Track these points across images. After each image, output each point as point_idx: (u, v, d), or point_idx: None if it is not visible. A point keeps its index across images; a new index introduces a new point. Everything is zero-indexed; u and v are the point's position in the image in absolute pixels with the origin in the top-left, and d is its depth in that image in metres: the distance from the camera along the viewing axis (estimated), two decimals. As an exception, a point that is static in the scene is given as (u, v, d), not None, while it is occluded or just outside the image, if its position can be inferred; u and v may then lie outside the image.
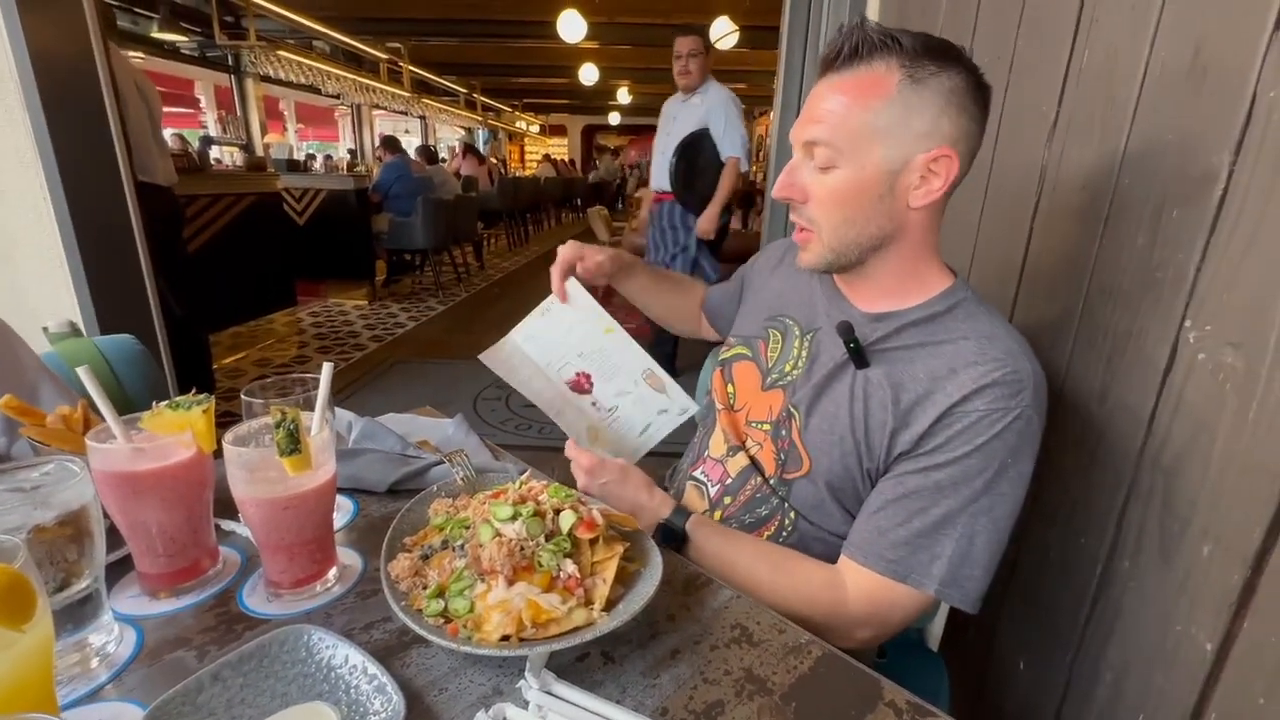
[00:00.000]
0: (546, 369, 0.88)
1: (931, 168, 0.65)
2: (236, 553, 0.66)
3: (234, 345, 3.84)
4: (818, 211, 0.69)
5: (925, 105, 0.63)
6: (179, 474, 0.56)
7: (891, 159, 0.65)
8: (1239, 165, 0.57)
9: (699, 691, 0.49)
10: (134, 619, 0.56)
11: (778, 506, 0.75)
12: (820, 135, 0.66)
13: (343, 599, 0.59)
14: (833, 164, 0.66)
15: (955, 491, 0.64)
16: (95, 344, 1.03)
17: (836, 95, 0.65)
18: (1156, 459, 0.65)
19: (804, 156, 0.69)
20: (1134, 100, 0.70)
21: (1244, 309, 0.55)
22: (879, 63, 0.64)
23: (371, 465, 0.80)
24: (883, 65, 0.64)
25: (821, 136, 0.66)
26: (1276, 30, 0.54)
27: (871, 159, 0.65)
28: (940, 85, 0.63)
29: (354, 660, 0.48)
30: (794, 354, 0.79)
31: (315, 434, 0.57)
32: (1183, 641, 0.60)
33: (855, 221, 0.68)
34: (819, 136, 0.66)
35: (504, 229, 8.15)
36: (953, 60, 0.64)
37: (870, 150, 0.65)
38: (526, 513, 0.56)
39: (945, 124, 0.64)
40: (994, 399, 0.63)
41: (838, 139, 0.65)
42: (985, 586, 0.64)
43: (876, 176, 0.65)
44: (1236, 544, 0.55)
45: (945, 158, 0.64)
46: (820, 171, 0.67)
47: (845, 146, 0.65)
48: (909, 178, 0.65)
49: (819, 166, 0.67)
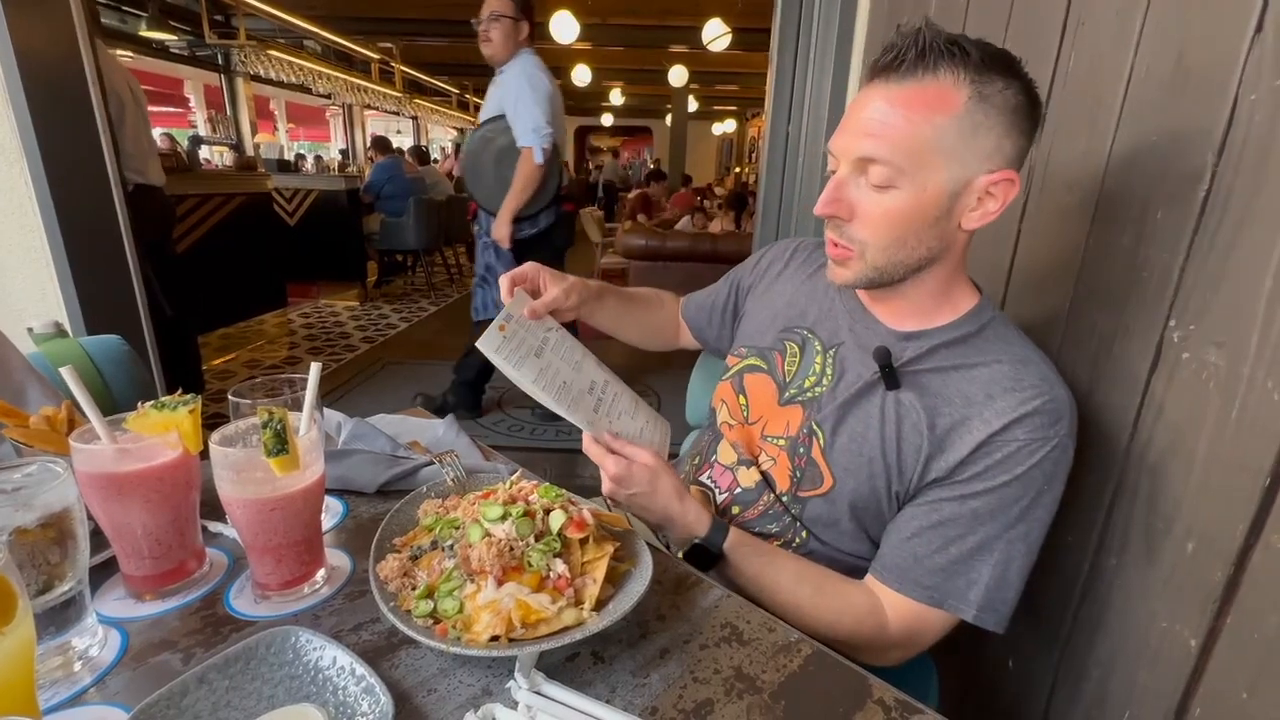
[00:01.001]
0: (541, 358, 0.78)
1: (991, 190, 0.61)
2: (224, 554, 0.65)
3: (224, 346, 3.81)
4: (866, 231, 0.64)
5: (991, 124, 0.59)
6: (164, 475, 0.55)
7: (954, 180, 0.60)
8: (1222, 166, 0.57)
9: (689, 690, 0.49)
10: (118, 622, 0.55)
11: (790, 524, 0.74)
12: (878, 152, 0.60)
13: (331, 600, 0.59)
14: (891, 184, 0.61)
15: (992, 519, 0.63)
16: (81, 344, 1.02)
17: (897, 108, 0.59)
18: (1141, 458, 0.65)
19: (854, 173, 0.63)
20: (1119, 103, 0.71)
21: (1227, 308, 0.56)
22: (946, 74, 0.58)
23: (361, 466, 0.79)
24: (950, 78, 0.58)
25: (880, 154, 0.60)
26: (1257, 34, 0.54)
27: (934, 180, 0.60)
28: (1005, 102, 0.59)
29: (342, 661, 0.48)
30: (815, 369, 0.76)
31: (303, 434, 0.57)
32: (1167, 638, 0.61)
33: (907, 243, 0.64)
34: (877, 154, 0.60)
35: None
36: (1014, 74, 0.60)
37: (933, 171, 0.60)
38: (516, 513, 0.56)
39: (1009, 145, 0.60)
40: (1034, 428, 0.62)
41: (898, 157, 0.59)
42: (1015, 607, 0.65)
43: (937, 199, 0.61)
44: (1220, 542, 0.55)
45: (1007, 181, 0.61)
46: (875, 190, 0.62)
47: (907, 165, 0.59)
48: (968, 199, 0.62)
49: (874, 185, 0.62)
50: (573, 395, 0.71)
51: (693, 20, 5.98)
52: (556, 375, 0.71)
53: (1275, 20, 0.53)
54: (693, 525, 0.68)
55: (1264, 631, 0.51)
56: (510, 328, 0.71)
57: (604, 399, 0.75)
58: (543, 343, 0.74)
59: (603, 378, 0.78)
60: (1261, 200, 0.54)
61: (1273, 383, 0.51)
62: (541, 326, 0.76)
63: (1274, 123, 0.53)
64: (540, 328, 0.75)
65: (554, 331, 0.77)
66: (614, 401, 0.76)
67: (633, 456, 0.67)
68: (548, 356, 0.73)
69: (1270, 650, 0.51)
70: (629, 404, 0.79)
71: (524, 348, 0.70)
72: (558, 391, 0.69)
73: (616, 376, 0.81)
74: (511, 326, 0.71)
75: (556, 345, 0.75)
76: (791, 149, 2.05)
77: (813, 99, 1.89)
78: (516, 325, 0.72)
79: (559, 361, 0.74)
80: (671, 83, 8.11)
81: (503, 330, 0.69)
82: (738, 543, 0.69)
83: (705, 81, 10.25)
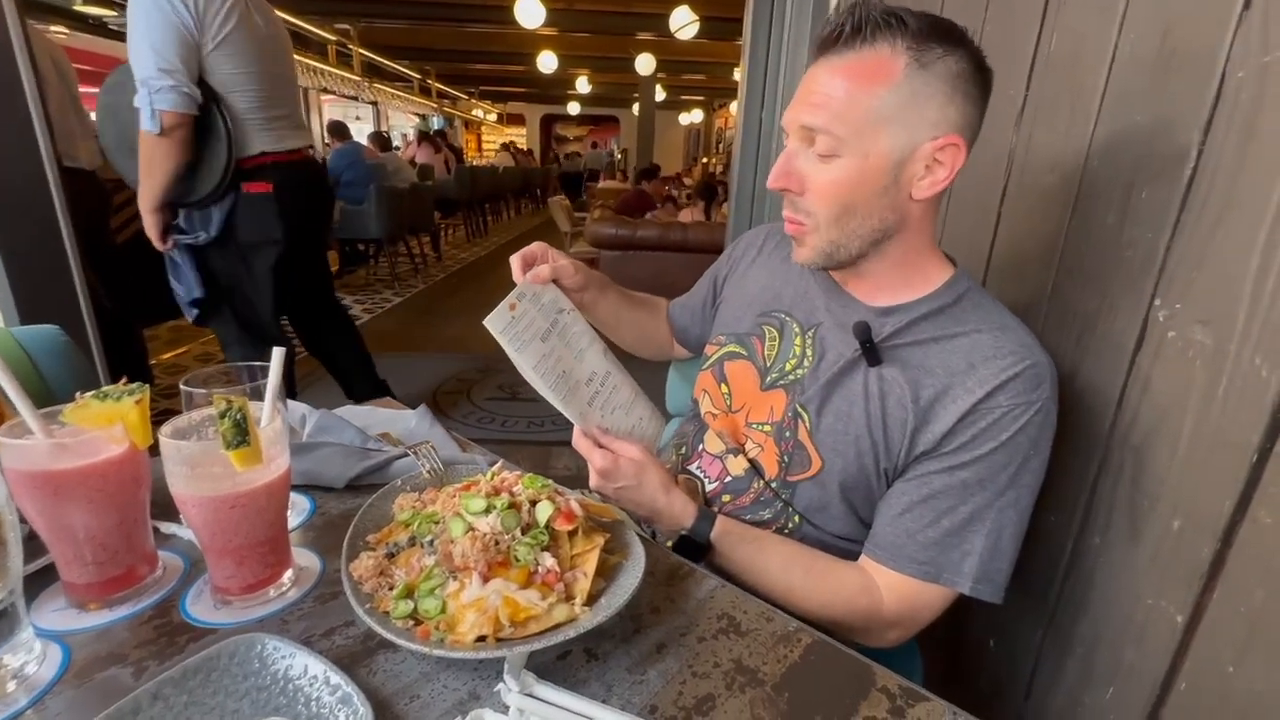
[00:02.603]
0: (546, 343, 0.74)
1: (938, 157, 0.62)
2: (178, 557, 0.60)
3: (174, 340, 3.63)
4: (816, 203, 0.65)
5: (932, 91, 0.60)
6: (108, 472, 0.50)
7: (898, 148, 0.61)
8: (1208, 144, 0.57)
9: (688, 686, 0.47)
10: (59, 635, 0.50)
11: (781, 510, 0.73)
12: (820, 122, 0.61)
13: (300, 604, 0.55)
14: (834, 153, 0.62)
15: (982, 488, 0.63)
16: (13, 334, 0.94)
17: (837, 78, 0.61)
18: (1126, 436, 0.66)
19: (801, 144, 0.65)
20: (1103, 83, 0.71)
21: (1213, 286, 0.56)
22: (883, 44, 0.60)
23: (329, 459, 0.75)
24: (887, 47, 0.60)
25: (821, 123, 0.61)
26: (1245, 10, 0.54)
27: (877, 148, 0.61)
28: (947, 69, 0.60)
29: (314, 670, 0.44)
30: (796, 351, 0.75)
31: (266, 424, 0.53)
32: (1153, 615, 0.61)
33: (856, 213, 0.64)
34: (819, 123, 0.62)
35: (462, 219, 7.96)
36: (957, 42, 0.61)
37: (875, 138, 0.61)
38: (501, 505, 0.53)
39: (952, 111, 0.61)
40: (1016, 393, 0.62)
41: (840, 126, 0.61)
42: (1009, 576, 0.65)
43: (881, 166, 0.62)
44: (1206, 518, 0.56)
45: (953, 146, 0.61)
46: (820, 160, 0.63)
47: (848, 134, 0.61)
48: (914, 168, 0.62)
49: (819, 155, 0.63)
50: (569, 385, 0.69)
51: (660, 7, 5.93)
52: (558, 363, 0.69)
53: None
54: (679, 517, 0.68)
55: (1250, 605, 0.52)
56: (521, 307, 0.68)
57: (602, 390, 0.74)
58: (551, 325, 0.71)
59: (605, 368, 0.76)
60: (1247, 178, 0.54)
61: (1259, 359, 0.51)
62: (554, 307, 0.73)
63: (1261, 100, 0.53)
64: (553, 308, 0.73)
65: (566, 314, 0.75)
66: (612, 393, 0.75)
67: (620, 451, 0.67)
68: (553, 341, 0.70)
69: (1256, 624, 0.51)
70: (627, 396, 0.77)
71: (530, 330, 0.68)
72: (555, 380, 0.67)
73: (621, 367, 0.79)
74: (523, 305, 0.68)
75: (565, 330, 0.73)
76: (765, 136, 2.04)
77: (785, 85, 1.88)
78: (528, 305, 0.69)
79: (563, 348, 0.71)
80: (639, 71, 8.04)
81: (513, 309, 0.67)
82: (724, 532, 0.68)
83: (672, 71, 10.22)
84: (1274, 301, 0.50)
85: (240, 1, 1.63)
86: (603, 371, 0.75)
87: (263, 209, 1.75)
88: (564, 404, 0.67)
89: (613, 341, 0.91)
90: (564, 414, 0.67)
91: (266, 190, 1.74)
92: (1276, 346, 0.50)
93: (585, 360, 0.74)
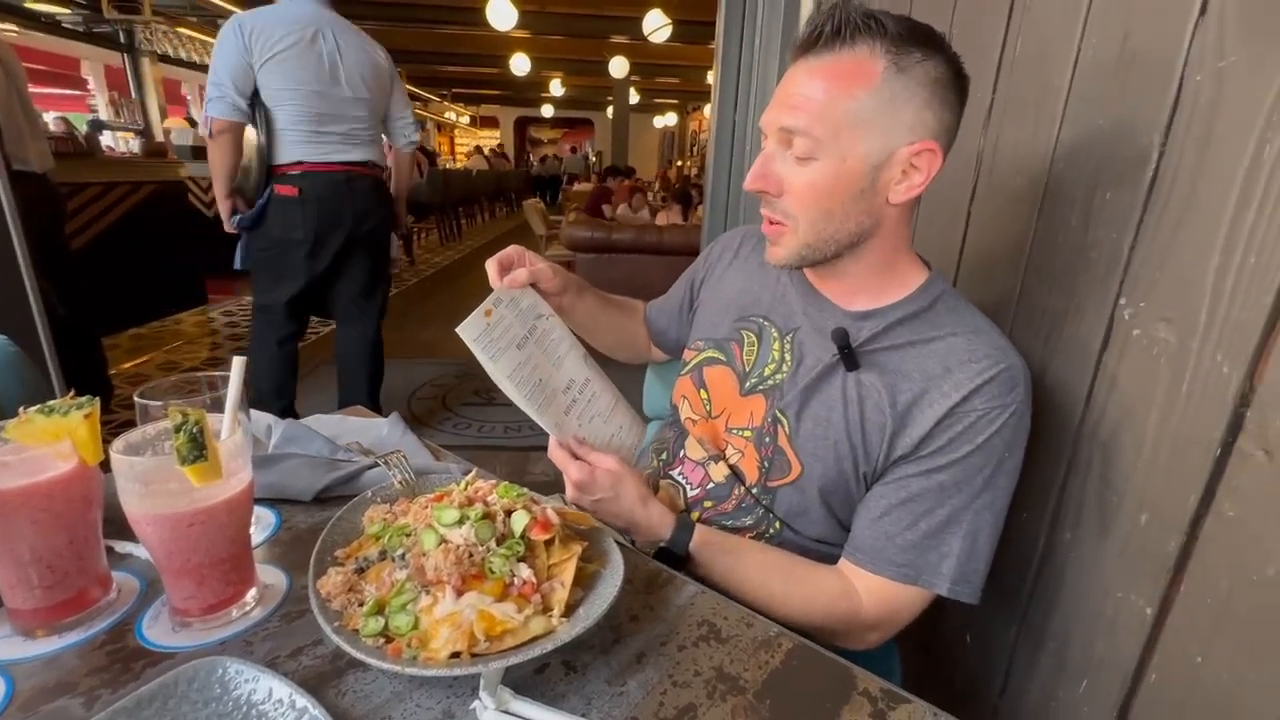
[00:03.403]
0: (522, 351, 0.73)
1: (914, 162, 0.62)
2: (134, 578, 0.58)
3: (135, 348, 3.50)
4: (794, 205, 0.65)
5: (910, 95, 0.60)
6: (55, 491, 0.48)
7: (875, 151, 0.62)
8: (1168, 147, 0.59)
9: (669, 696, 0.46)
10: (2, 665, 0.47)
11: (763, 516, 0.73)
12: (798, 124, 0.61)
13: (264, 623, 0.53)
14: (812, 155, 0.62)
15: (958, 491, 0.64)
16: (-45, 346, 0.89)
17: (816, 80, 0.61)
18: (1094, 433, 0.67)
19: (779, 146, 0.65)
20: (1067, 86, 0.72)
21: (1175, 285, 0.58)
22: (862, 47, 0.60)
23: (295, 471, 0.72)
24: (866, 50, 0.60)
25: (800, 125, 0.61)
26: (1201, 16, 0.56)
27: (854, 151, 0.61)
28: (925, 74, 0.60)
29: (279, 693, 0.43)
30: (774, 356, 0.75)
31: (226, 437, 0.51)
32: (1123, 607, 0.62)
33: (834, 216, 0.64)
34: (797, 125, 0.61)
35: (435, 223, 7.86)
36: (937, 48, 0.61)
37: (853, 141, 0.61)
38: (475, 515, 0.51)
39: (930, 116, 0.61)
40: (991, 397, 0.63)
41: (818, 128, 0.61)
42: (986, 576, 0.66)
43: (858, 170, 0.62)
44: (1172, 512, 0.57)
45: (929, 151, 0.62)
46: (798, 162, 0.63)
47: (826, 136, 0.61)
48: (891, 172, 0.63)
49: (797, 157, 0.63)
50: (545, 394, 0.68)
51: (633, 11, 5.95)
52: (534, 371, 0.68)
53: (1219, 2, 0.54)
54: (657, 528, 0.68)
55: (1217, 596, 0.53)
56: (497, 313, 0.66)
57: (579, 399, 0.72)
58: (529, 332, 0.70)
59: (584, 375, 0.75)
60: (1206, 180, 0.55)
61: (1220, 355, 0.53)
62: (533, 313, 0.72)
63: (1218, 104, 0.54)
64: (531, 314, 0.71)
65: (545, 320, 0.73)
66: (590, 402, 0.73)
67: (596, 463, 0.67)
68: (529, 348, 0.69)
69: (1222, 614, 0.52)
70: (606, 405, 0.76)
71: (506, 337, 0.66)
72: (531, 390, 0.66)
73: (601, 374, 0.78)
74: (499, 312, 0.66)
75: (543, 336, 0.72)
76: (739, 138, 2.05)
77: (759, 88, 1.89)
78: (505, 310, 0.67)
79: (540, 355, 0.70)
80: (612, 74, 8.05)
81: (488, 316, 0.65)
82: (704, 543, 0.68)
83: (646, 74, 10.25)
84: (1233, 299, 0.52)
85: (309, 28, 1.93)
86: (581, 379, 0.74)
87: (289, 209, 2.00)
88: (539, 414, 0.66)
89: (590, 345, 0.90)
90: (538, 424, 0.66)
91: (293, 193, 1.99)
92: (1236, 343, 0.51)
93: (564, 367, 0.72)
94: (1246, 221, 0.50)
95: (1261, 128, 0.49)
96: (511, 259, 0.74)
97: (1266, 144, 0.49)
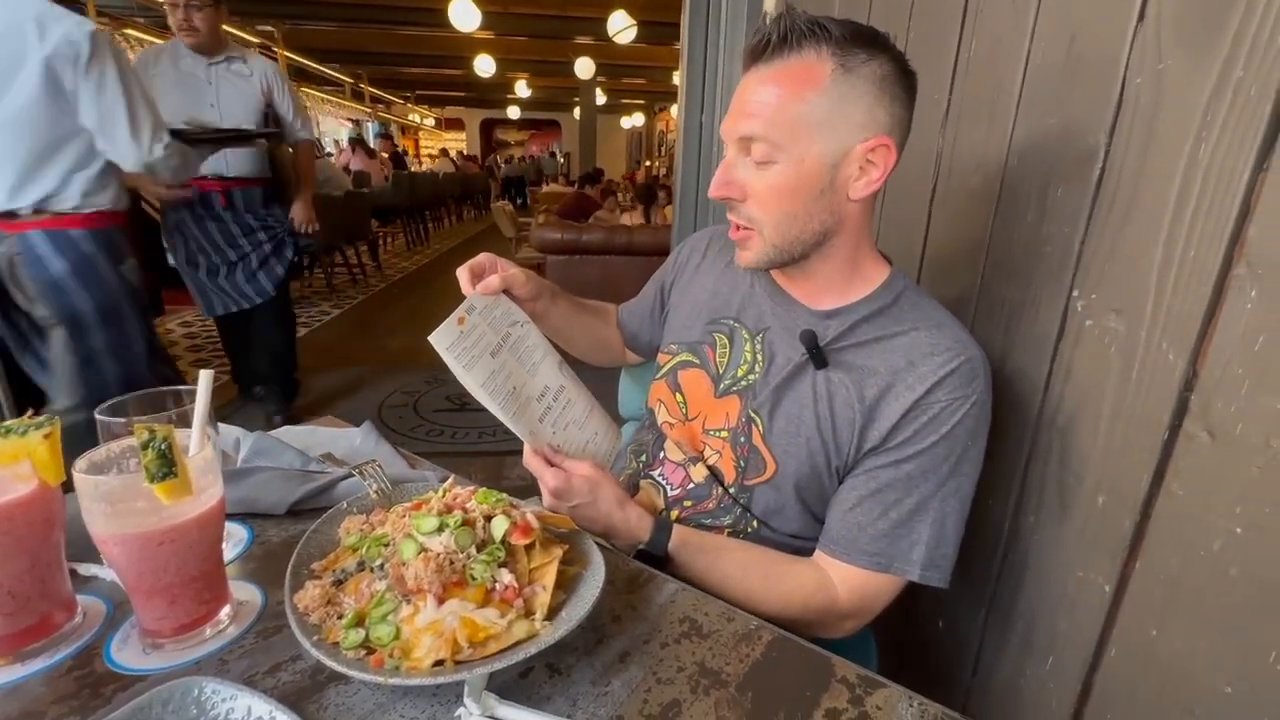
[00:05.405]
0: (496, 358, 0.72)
1: (870, 158, 0.64)
2: (100, 601, 0.56)
3: (87, 363, 3.36)
4: (758, 209, 0.67)
5: (859, 94, 0.62)
6: (14, 514, 0.46)
7: (830, 151, 0.63)
8: (1113, 146, 0.62)
9: (653, 693, 0.47)
10: (-37, 696, 0.46)
11: (741, 515, 0.74)
12: (755, 130, 0.63)
13: (240, 641, 0.52)
14: (771, 159, 0.64)
15: (925, 479, 0.66)
16: (-105, 366, 0.85)
17: (768, 86, 0.63)
18: (1053, 419, 0.70)
19: (739, 153, 0.66)
20: (1018, 88, 0.75)
21: (1123, 277, 0.60)
22: (809, 51, 0.62)
23: (267, 484, 0.71)
24: (813, 54, 0.62)
25: (757, 131, 0.63)
26: (1140, 22, 0.59)
27: (811, 152, 0.63)
28: (872, 73, 0.62)
29: (258, 710, 0.42)
30: (746, 358, 0.77)
31: (195, 453, 0.49)
32: (1084, 586, 0.65)
33: (798, 217, 0.66)
34: (754, 131, 0.63)
35: (401, 227, 7.73)
36: (881, 47, 0.63)
37: (809, 143, 0.63)
38: (454, 523, 0.51)
39: (880, 113, 0.63)
40: (953, 388, 0.65)
41: (774, 133, 0.63)
42: (955, 561, 0.68)
43: (817, 170, 0.64)
44: (1126, 493, 0.60)
45: (883, 147, 0.64)
46: (758, 167, 0.65)
47: (783, 140, 0.63)
48: (849, 169, 0.65)
49: (757, 162, 0.65)
50: (519, 402, 0.67)
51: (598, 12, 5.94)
52: (508, 379, 0.67)
53: (1155, 9, 0.57)
54: (636, 531, 0.68)
55: (1168, 572, 0.56)
56: (471, 320, 0.66)
57: (554, 406, 0.72)
58: (503, 340, 0.69)
59: (559, 382, 0.75)
60: (1149, 177, 0.58)
61: (1166, 344, 0.56)
62: (507, 320, 0.71)
63: (1158, 104, 0.57)
64: (505, 321, 0.71)
65: (520, 327, 0.73)
66: (565, 409, 0.74)
67: (571, 469, 0.67)
68: (503, 356, 0.68)
69: (1173, 589, 0.55)
70: (581, 411, 0.76)
71: (480, 345, 0.66)
72: (505, 398, 0.65)
73: (577, 381, 0.78)
74: (472, 320, 0.66)
75: (517, 344, 0.71)
76: (706, 139, 2.06)
77: (724, 89, 1.91)
78: (479, 318, 0.67)
79: (514, 363, 0.69)
80: (578, 75, 8.03)
81: (462, 324, 0.64)
82: (682, 543, 0.68)
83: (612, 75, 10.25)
84: (1176, 291, 0.54)
85: None
86: (555, 386, 0.74)
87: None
88: (513, 422, 0.65)
89: (565, 350, 0.90)
90: (513, 432, 0.66)
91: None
92: (1180, 332, 0.54)
93: (538, 375, 0.72)
94: (1185, 218, 0.53)
95: (1197, 128, 0.52)
96: (483, 266, 0.74)
97: (1202, 143, 0.52)
